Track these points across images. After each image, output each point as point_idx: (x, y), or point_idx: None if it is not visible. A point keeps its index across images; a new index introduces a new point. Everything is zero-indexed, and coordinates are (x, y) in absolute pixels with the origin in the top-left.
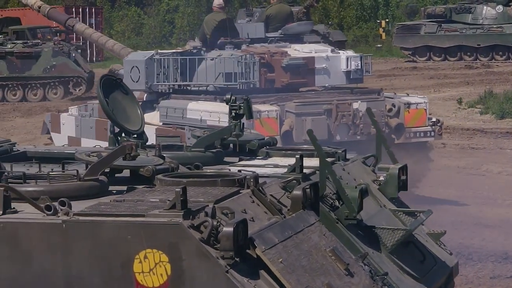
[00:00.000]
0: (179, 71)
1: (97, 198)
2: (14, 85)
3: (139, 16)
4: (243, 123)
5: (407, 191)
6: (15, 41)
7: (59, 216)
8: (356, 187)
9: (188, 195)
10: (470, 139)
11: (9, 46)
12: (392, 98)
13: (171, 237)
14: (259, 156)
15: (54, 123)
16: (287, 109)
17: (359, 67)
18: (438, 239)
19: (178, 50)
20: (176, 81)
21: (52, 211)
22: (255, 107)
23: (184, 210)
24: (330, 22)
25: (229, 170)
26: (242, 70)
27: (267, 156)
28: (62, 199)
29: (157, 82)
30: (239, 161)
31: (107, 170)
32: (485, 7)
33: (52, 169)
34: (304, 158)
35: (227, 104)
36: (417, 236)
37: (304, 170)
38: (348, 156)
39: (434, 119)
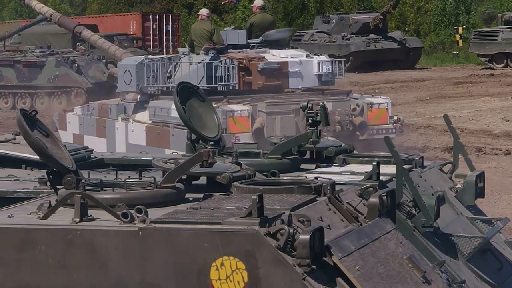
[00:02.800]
0: (167, 74)
1: (174, 205)
2: (23, 93)
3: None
4: (320, 130)
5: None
6: (34, 50)
7: (135, 224)
8: (433, 195)
9: (264, 203)
10: None
11: (25, 55)
12: (357, 98)
13: (248, 245)
14: (336, 163)
15: (61, 122)
16: (259, 109)
17: (330, 71)
18: None
19: (167, 56)
20: (164, 84)
21: (129, 218)
22: (229, 107)
23: (260, 217)
24: (407, 29)
25: (306, 177)
26: (222, 74)
27: (344, 163)
28: (139, 206)
29: (147, 85)
30: (315, 168)
31: (184, 177)
32: None
33: (129, 176)
34: (381, 165)
35: (303, 111)
36: (494, 244)
37: (381, 177)
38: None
39: (395, 118)
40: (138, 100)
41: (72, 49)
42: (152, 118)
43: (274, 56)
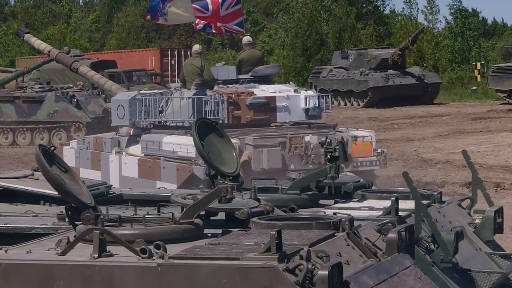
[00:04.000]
0: (159, 109)
1: (193, 241)
2: (25, 129)
3: (234, 59)
4: (338, 166)
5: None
6: (34, 86)
7: (154, 260)
8: (451, 230)
9: (283, 238)
10: None
11: (25, 90)
12: (342, 132)
13: (266, 280)
14: (354, 198)
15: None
16: (246, 142)
17: (317, 105)
18: None
19: (159, 91)
20: (156, 118)
21: (147, 254)
22: None
23: (279, 253)
24: (425, 64)
25: (324, 212)
26: (211, 108)
27: (363, 198)
28: (157, 242)
29: (139, 119)
30: (334, 203)
31: (202, 213)
32: None
33: (147, 212)
34: (399, 201)
35: (322, 146)
36: None
37: (400, 213)
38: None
39: (379, 150)
40: (131, 134)
41: (82, 84)
42: (144, 151)
43: (263, 91)
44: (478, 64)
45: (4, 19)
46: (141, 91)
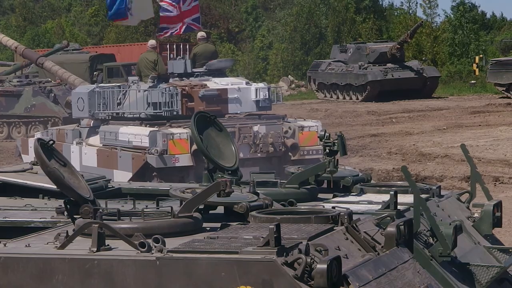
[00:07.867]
0: (117, 101)
1: (191, 235)
2: (1, 123)
3: (233, 53)
4: (337, 160)
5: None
6: (12, 80)
7: (153, 253)
8: (450, 224)
9: (282, 232)
10: None
11: (3, 84)
12: (289, 122)
13: (265, 274)
14: (353, 192)
15: (24, 147)
16: None
17: (267, 97)
18: None
19: (118, 84)
20: (114, 110)
21: (146, 248)
22: (170, 130)
23: (277, 247)
24: (424, 58)
25: (323, 206)
26: (166, 100)
27: (361, 192)
28: (156, 236)
29: (98, 111)
30: (333, 197)
31: (201, 206)
32: None
33: (146, 206)
34: (398, 195)
35: (321, 140)
36: (511, 273)
37: (398, 207)
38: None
39: None
40: (91, 125)
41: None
42: (102, 142)
43: (216, 83)
44: (477, 58)
45: (3, 13)
46: (100, 84)
